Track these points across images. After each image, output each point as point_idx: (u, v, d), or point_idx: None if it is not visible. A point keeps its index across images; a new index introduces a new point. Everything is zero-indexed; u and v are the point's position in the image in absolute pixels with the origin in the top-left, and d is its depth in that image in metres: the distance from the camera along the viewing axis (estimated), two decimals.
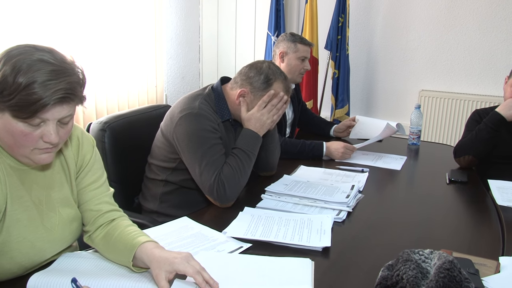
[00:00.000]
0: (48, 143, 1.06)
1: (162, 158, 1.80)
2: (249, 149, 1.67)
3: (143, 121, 2.03)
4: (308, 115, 2.90)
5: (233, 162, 1.64)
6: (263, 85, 1.72)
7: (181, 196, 1.82)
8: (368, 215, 1.64)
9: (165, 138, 1.76)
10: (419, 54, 4.13)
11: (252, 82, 1.73)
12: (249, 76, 1.74)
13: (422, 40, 4.10)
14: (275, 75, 1.74)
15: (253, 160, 1.69)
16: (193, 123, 1.65)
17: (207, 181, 1.61)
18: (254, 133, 1.70)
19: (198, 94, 1.76)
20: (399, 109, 4.29)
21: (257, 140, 1.71)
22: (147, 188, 1.87)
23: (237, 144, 1.69)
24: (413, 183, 2.12)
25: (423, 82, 4.17)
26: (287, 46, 2.52)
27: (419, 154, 2.53)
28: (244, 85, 1.74)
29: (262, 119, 1.71)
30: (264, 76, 1.72)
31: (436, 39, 4.04)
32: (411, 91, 4.22)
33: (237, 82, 1.77)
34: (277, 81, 1.73)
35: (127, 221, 1.30)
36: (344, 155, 2.29)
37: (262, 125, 1.71)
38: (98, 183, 1.30)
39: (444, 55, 4.05)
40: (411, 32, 4.13)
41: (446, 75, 4.08)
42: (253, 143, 1.69)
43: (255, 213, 1.58)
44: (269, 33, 4.02)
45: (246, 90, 1.72)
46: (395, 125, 2.44)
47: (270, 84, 1.72)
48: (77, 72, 1.06)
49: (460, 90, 4.04)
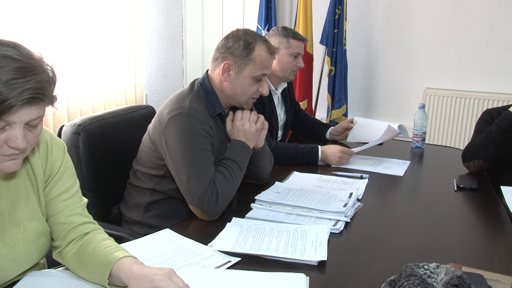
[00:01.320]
0: (14, 148, 1.04)
1: (149, 165, 1.81)
2: (240, 159, 1.73)
3: (122, 123, 2.03)
4: (302, 117, 2.91)
5: (226, 172, 1.68)
6: (245, 51, 1.75)
7: (168, 206, 1.83)
8: (368, 225, 1.65)
9: (152, 142, 1.77)
10: (423, 49, 4.16)
11: (233, 51, 1.75)
12: (228, 46, 1.77)
13: (427, 33, 4.12)
14: (254, 38, 1.77)
15: (243, 171, 1.75)
16: (184, 124, 1.66)
17: (198, 190, 1.61)
18: (243, 143, 1.77)
19: (188, 93, 1.77)
20: (402, 109, 4.31)
21: (246, 150, 1.77)
22: (131, 197, 1.87)
23: (226, 155, 1.74)
24: (417, 190, 2.14)
25: (428, 79, 4.19)
26: (279, 41, 2.53)
27: (424, 158, 2.55)
28: (226, 57, 1.76)
29: (244, 128, 1.78)
30: (244, 42, 1.75)
31: (443, 31, 4.06)
32: (415, 89, 4.25)
33: (217, 58, 1.79)
34: (258, 44, 1.76)
35: (102, 234, 1.29)
36: (341, 160, 2.30)
37: (245, 134, 1.78)
38: (70, 193, 1.29)
39: (451, 49, 4.07)
40: (415, 24, 4.16)
41: (453, 72, 4.10)
42: (243, 152, 1.76)
43: (244, 224, 1.58)
44: (259, 27, 4.03)
45: (229, 62, 1.75)
46: (397, 127, 2.45)
47: (252, 48, 1.75)
48: (46, 69, 1.05)
49: (469, 87, 4.06)
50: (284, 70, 2.54)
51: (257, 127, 1.81)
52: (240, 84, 1.77)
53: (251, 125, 1.80)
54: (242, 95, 1.79)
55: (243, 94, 1.79)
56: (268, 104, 2.49)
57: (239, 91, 1.78)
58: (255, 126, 1.81)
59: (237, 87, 1.77)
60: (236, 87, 1.77)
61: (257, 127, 1.81)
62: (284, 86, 2.67)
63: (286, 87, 2.70)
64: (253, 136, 1.80)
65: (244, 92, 1.78)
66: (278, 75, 2.55)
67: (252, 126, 1.80)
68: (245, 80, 1.76)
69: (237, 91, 1.78)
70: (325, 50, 4.09)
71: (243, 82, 1.77)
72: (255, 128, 1.80)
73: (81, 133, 1.83)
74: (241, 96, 1.79)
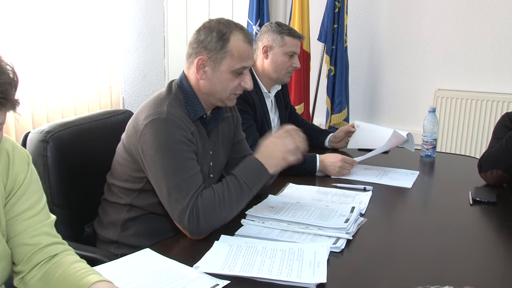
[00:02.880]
0: None
1: (125, 178, 1.80)
2: (246, 180, 1.65)
3: (96, 130, 2.03)
4: (298, 122, 2.91)
5: (219, 190, 1.63)
6: (219, 43, 1.73)
7: (148, 223, 1.83)
8: (372, 243, 1.65)
9: (128, 153, 1.76)
10: (434, 45, 4.19)
11: (206, 45, 1.74)
12: (200, 40, 1.75)
13: (439, 28, 4.15)
14: (228, 27, 1.75)
15: (247, 195, 1.66)
16: (162, 131, 1.65)
17: (178, 205, 1.60)
18: (259, 163, 1.68)
19: (165, 96, 1.77)
20: (410, 114, 4.34)
21: (259, 172, 1.67)
22: (106, 214, 1.87)
23: (234, 170, 1.68)
24: (427, 204, 2.15)
25: (440, 79, 4.22)
26: (272, 39, 2.54)
27: (435, 168, 2.57)
28: (199, 52, 1.75)
29: (270, 148, 1.69)
30: (217, 33, 1.73)
31: (456, 26, 4.09)
32: (424, 91, 4.27)
33: (191, 54, 1.78)
34: (233, 33, 1.74)
35: (73, 256, 1.29)
36: (342, 170, 2.31)
37: (270, 155, 1.68)
38: (35, 209, 1.28)
39: (466, 45, 4.09)
40: (424, 18, 4.19)
41: (468, 71, 4.12)
42: (254, 174, 1.67)
43: (233, 242, 1.58)
44: (249, 22, 4.05)
45: (203, 58, 1.74)
46: (406, 135, 2.47)
47: (226, 39, 1.73)
48: (6, 70, 1.05)
49: (486, 88, 4.08)
50: (278, 71, 2.55)
51: (288, 148, 1.68)
52: (218, 81, 1.75)
53: (286, 144, 1.68)
54: (222, 92, 1.77)
55: (223, 90, 1.77)
56: (260, 109, 2.50)
57: (218, 88, 1.76)
58: (287, 147, 1.68)
59: (215, 84, 1.75)
60: (214, 84, 1.75)
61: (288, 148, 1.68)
62: (278, 88, 2.68)
63: (280, 90, 2.71)
64: (278, 158, 1.68)
65: (224, 88, 1.76)
66: (272, 77, 2.56)
67: (282, 146, 1.68)
68: (223, 76, 1.74)
69: (216, 88, 1.76)
70: (324, 47, 4.11)
71: (221, 78, 1.75)
72: (285, 150, 1.68)
73: (49, 141, 1.82)
74: (221, 92, 1.77)
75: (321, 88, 4.23)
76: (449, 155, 3.06)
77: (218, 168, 1.96)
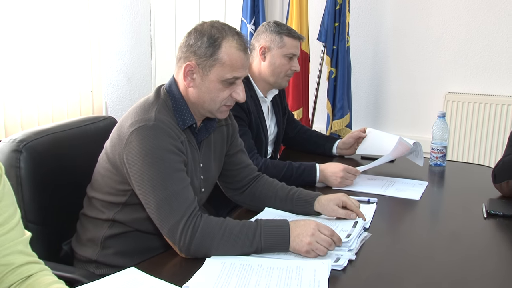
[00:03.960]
0: None
1: (107, 190, 1.80)
2: (263, 238, 1.60)
3: (75, 138, 2.02)
4: (298, 129, 2.93)
5: (231, 224, 1.61)
6: (209, 49, 1.72)
7: (131, 241, 1.82)
8: (378, 260, 1.65)
9: (111, 163, 1.76)
10: (444, 45, 4.20)
11: (195, 50, 1.73)
12: (190, 44, 1.75)
13: (449, 26, 4.16)
14: (221, 32, 1.74)
15: (249, 250, 1.61)
16: (149, 139, 1.64)
17: (169, 219, 1.60)
18: (284, 232, 1.62)
19: (153, 101, 1.77)
20: (417, 119, 4.34)
21: (280, 243, 1.61)
22: (85, 230, 1.86)
23: (262, 220, 1.65)
24: (437, 217, 2.15)
25: (450, 82, 4.22)
26: (271, 40, 2.55)
27: (445, 178, 2.57)
28: (188, 57, 1.74)
29: (306, 230, 1.61)
30: (208, 37, 1.72)
31: (468, 23, 4.10)
32: (433, 94, 4.28)
33: (180, 58, 1.78)
34: (226, 39, 1.73)
35: (50, 276, 1.28)
36: (344, 180, 2.31)
37: (299, 242, 1.61)
38: (8, 226, 1.27)
39: (479, 45, 4.10)
40: (433, 14, 4.20)
41: (481, 73, 4.13)
42: (275, 240, 1.61)
43: (226, 260, 1.58)
44: (243, 20, 4.05)
45: (191, 64, 1.73)
46: (412, 144, 2.48)
47: (218, 45, 1.72)
48: None
49: (501, 92, 4.09)
50: (276, 74, 2.55)
51: (317, 247, 1.60)
52: (206, 90, 1.74)
53: (318, 242, 1.60)
54: (211, 103, 1.76)
55: (212, 101, 1.76)
56: (256, 115, 2.50)
57: (207, 97, 1.75)
58: (317, 246, 1.60)
59: (203, 94, 1.75)
60: (202, 93, 1.75)
61: (317, 247, 1.60)
62: (274, 93, 2.68)
63: (277, 94, 2.71)
64: (302, 245, 1.60)
65: (212, 99, 1.75)
66: (269, 80, 2.57)
67: (318, 247, 1.60)
68: (212, 85, 1.74)
69: (205, 98, 1.76)
70: (324, 48, 4.12)
71: (210, 87, 1.74)
72: (314, 248, 1.60)
73: (23, 151, 1.81)
74: (210, 104, 1.76)
75: (321, 91, 4.24)
76: (460, 164, 3.06)
77: (210, 182, 1.97)
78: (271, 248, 1.61)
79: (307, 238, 1.59)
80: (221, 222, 1.62)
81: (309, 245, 1.59)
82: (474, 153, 4.16)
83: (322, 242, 1.59)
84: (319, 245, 1.59)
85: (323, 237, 1.60)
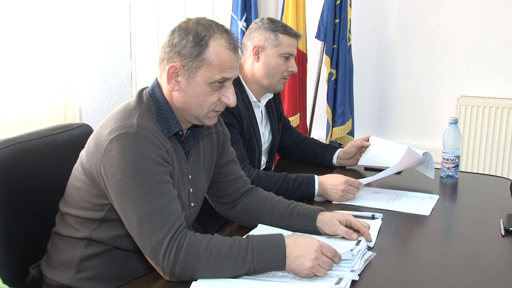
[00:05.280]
0: None
1: (83, 205, 1.79)
2: (256, 259, 1.59)
3: (45, 148, 2.01)
4: (295, 137, 2.93)
5: (218, 243, 1.60)
6: (195, 48, 1.71)
7: (111, 261, 1.81)
8: (382, 283, 1.65)
9: (87, 174, 1.75)
10: (456, 44, 4.21)
11: (180, 50, 1.73)
12: (173, 43, 1.75)
13: (461, 22, 4.18)
14: (208, 29, 1.74)
15: (240, 271, 1.60)
16: (130, 148, 1.63)
17: (151, 236, 1.59)
18: (280, 250, 1.61)
19: (135, 106, 1.76)
20: (427, 126, 4.35)
21: (275, 262, 1.61)
22: (58, 251, 1.85)
23: (254, 237, 1.64)
24: (449, 235, 2.15)
25: (463, 84, 4.23)
26: (265, 38, 2.55)
27: (458, 191, 2.58)
28: (171, 58, 1.74)
29: (306, 251, 1.60)
30: (194, 36, 1.72)
31: (483, 19, 4.11)
32: (444, 98, 4.29)
33: (163, 59, 1.78)
34: (214, 38, 1.73)
35: None
36: (346, 194, 2.31)
37: (299, 264, 1.59)
38: None
39: (495, 43, 4.11)
40: (444, 10, 4.21)
41: (497, 74, 4.14)
42: (269, 259, 1.61)
43: (214, 284, 1.57)
44: (234, 16, 4.05)
45: (175, 65, 1.73)
46: (422, 154, 2.48)
47: (205, 44, 1.72)
48: None
49: None
50: (271, 76, 2.56)
51: (318, 269, 1.60)
52: (193, 94, 1.74)
53: (320, 264, 1.59)
54: (198, 108, 1.76)
55: (199, 106, 1.76)
56: (248, 121, 2.50)
57: (194, 102, 1.75)
58: (318, 269, 1.60)
59: (190, 98, 1.75)
60: (188, 98, 1.75)
61: (318, 269, 1.60)
62: (269, 97, 2.68)
63: (271, 98, 2.71)
64: (303, 268, 1.59)
65: (199, 104, 1.75)
66: (263, 83, 2.57)
67: (320, 270, 1.59)
68: (199, 88, 1.73)
69: (191, 103, 1.75)
70: (323, 47, 4.13)
71: (197, 91, 1.74)
72: (315, 270, 1.60)
73: None
74: (197, 109, 1.76)
75: (320, 95, 4.24)
76: (475, 175, 3.06)
77: (199, 195, 1.96)
78: (265, 268, 1.60)
79: (309, 262, 1.58)
80: (207, 240, 1.61)
81: (311, 268, 1.58)
82: (491, 163, 4.16)
83: (324, 265, 1.59)
84: (320, 268, 1.59)
85: (325, 260, 1.60)
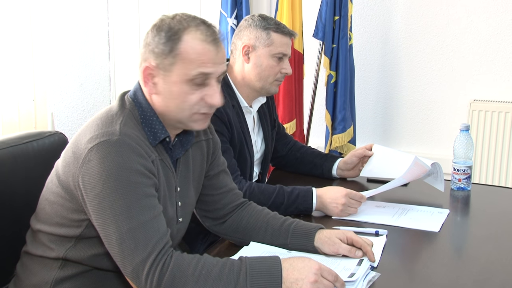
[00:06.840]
0: None
1: (58, 221, 1.78)
2: (249, 283, 1.59)
3: (13, 158, 2.01)
4: (291, 145, 2.93)
5: (208, 265, 1.60)
6: (168, 44, 1.70)
7: (88, 283, 1.80)
8: None
9: (63, 186, 1.74)
10: (468, 43, 4.22)
11: (153, 49, 1.71)
12: (147, 43, 1.74)
13: (474, 19, 4.19)
14: (182, 23, 1.72)
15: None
16: (112, 157, 1.62)
17: (133, 256, 1.58)
18: (276, 274, 1.62)
19: (117, 112, 1.75)
20: (436, 133, 4.36)
21: (268, 281, 1.61)
22: (29, 273, 1.84)
23: (247, 258, 1.65)
24: (461, 253, 2.15)
25: (475, 88, 4.24)
26: (256, 36, 2.56)
27: (470, 205, 2.58)
28: (146, 59, 1.74)
29: (304, 274, 1.61)
30: (166, 31, 1.71)
31: (497, 15, 4.13)
32: (455, 103, 4.30)
33: (140, 62, 1.76)
34: (188, 31, 1.71)
35: None
36: (347, 208, 2.31)
37: (296, 280, 1.60)
38: None
39: (510, 43, 4.12)
40: (455, 5, 4.22)
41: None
42: (260, 277, 1.61)
43: None
44: (223, 13, 4.06)
45: (149, 66, 1.72)
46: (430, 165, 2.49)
47: (177, 39, 1.70)
48: None
49: None
50: (263, 79, 2.56)
51: None
52: (170, 95, 1.72)
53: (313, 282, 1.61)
54: (178, 111, 1.74)
55: (179, 108, 1.73)
56: (239, 128, 2.50)
57: (172, 104, 1.73)
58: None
59: (168, 100, 1.73)
60: (167, 99, 1.73)
61: None
62: (262, 101, 2.68)
63: (264, 103, 2.72)
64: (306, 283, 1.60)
65: (178, 105, 1.73)
66: (254, 86, 2.57)
67: None
68: (176, 87, 1.71)
69: (170, 105, 1.74)
70: (321, 46, 4.14)
71: (174, 92, 1.72)
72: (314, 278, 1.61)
73: None
74: (178, 112, 1.74)
75: (318, 100, 4.25)
76: (489, 187, 3.06)
77: (188, 209, 1.96)
78: (255, 279, 1.59)
79: (308, 286, 1.58)
80: (196, 260, 1.60)
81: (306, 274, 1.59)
82: (507, 175, 4.16)
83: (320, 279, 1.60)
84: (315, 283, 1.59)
85: (326, 283, 1.60)
